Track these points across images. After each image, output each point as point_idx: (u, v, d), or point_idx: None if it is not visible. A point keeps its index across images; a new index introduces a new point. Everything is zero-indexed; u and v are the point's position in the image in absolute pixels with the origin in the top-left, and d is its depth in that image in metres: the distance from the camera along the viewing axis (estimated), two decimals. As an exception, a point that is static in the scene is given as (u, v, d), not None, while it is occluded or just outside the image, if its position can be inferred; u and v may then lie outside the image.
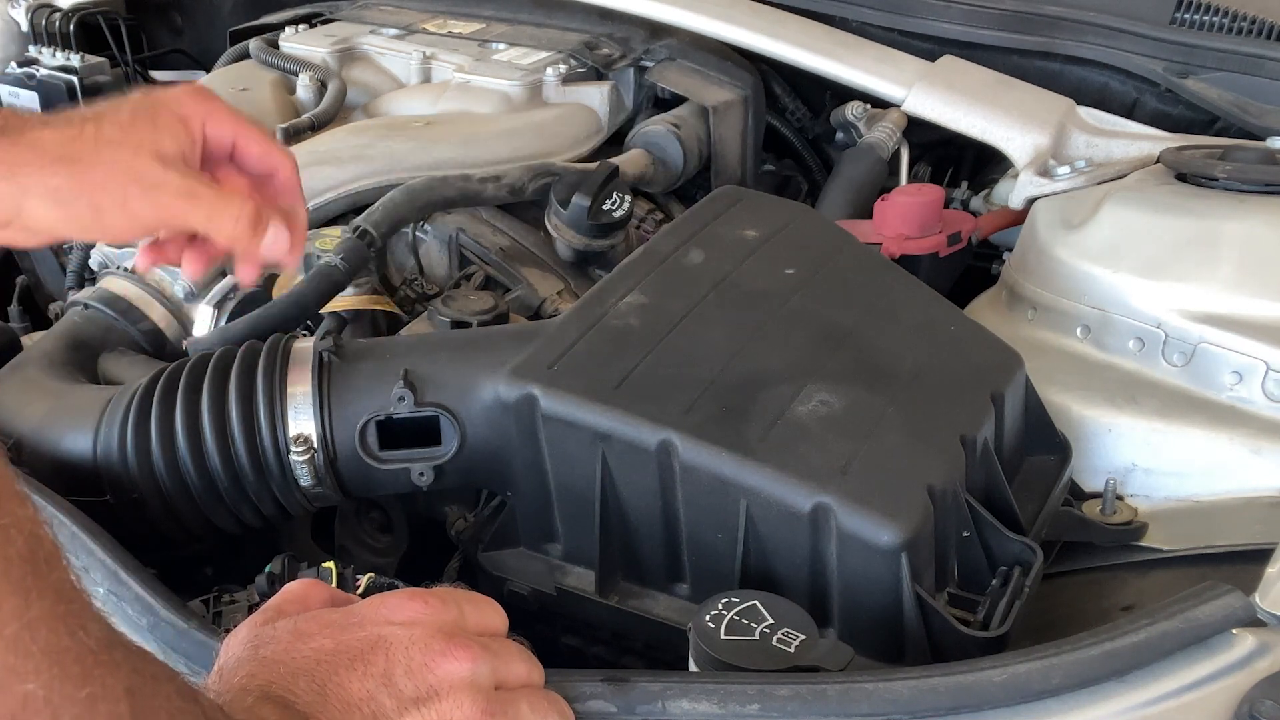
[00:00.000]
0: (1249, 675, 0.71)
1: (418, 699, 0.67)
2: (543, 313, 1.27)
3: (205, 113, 0.90)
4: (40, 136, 0.84)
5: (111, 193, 0.84)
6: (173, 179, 0.85)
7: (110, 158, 0.84)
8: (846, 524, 0.82)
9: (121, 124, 0.86)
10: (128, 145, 0.85)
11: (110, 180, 0.84)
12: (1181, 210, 1.17)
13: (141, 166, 0.85)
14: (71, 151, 0.84)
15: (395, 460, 0.94)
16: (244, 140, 0.92)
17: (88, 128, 0.85)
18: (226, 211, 0.86)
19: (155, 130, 0.86)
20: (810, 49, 1.54)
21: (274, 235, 0.88)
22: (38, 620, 0.53)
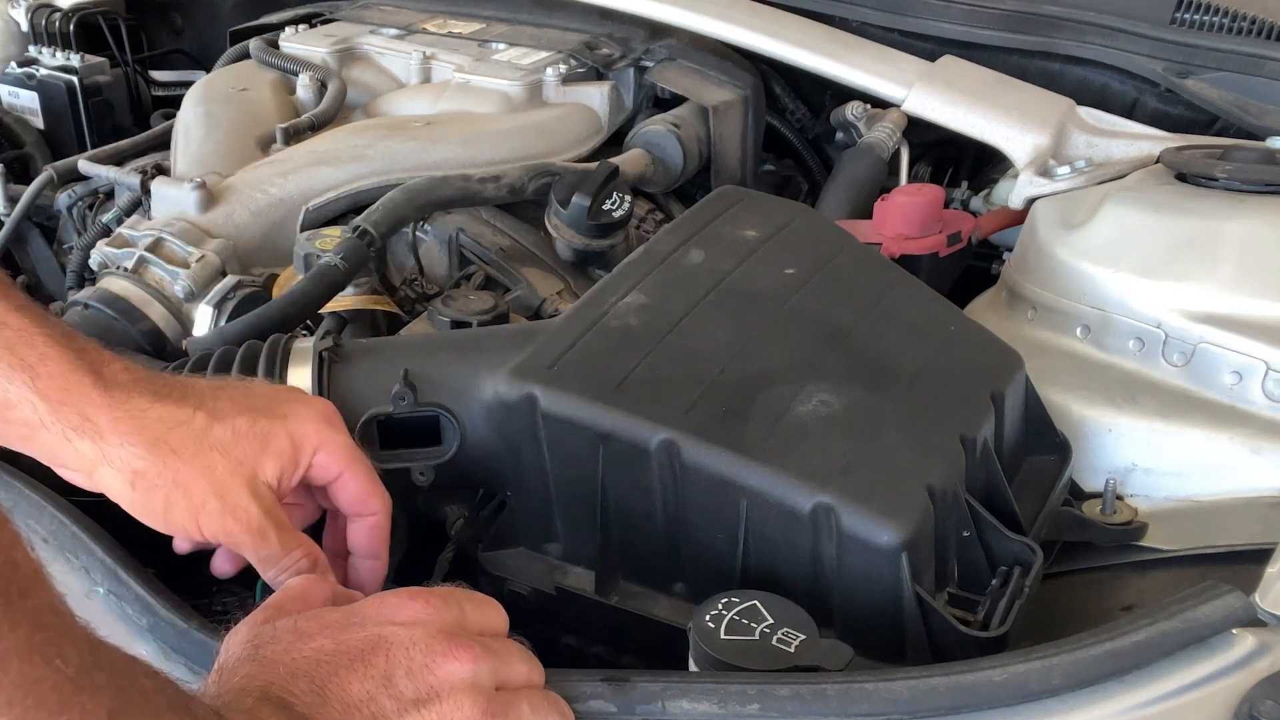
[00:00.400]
0: (1249, 675, 0.71)
1: (418, 700, 0.67)
2: (543, 313, 1.27)
3: (321, 443, 0.85)
4: (144, 411, 0.79)
5: (190, 497, 0.80)
6: (253, 512, 0.81)
7: (205, 464, 0.80)
8: (847, 524, 0.82)
9: (233, 431, 0.81)
10: (229, 458, 0.81)
11: (195, 486, 0.80)
12: (1181, 210, 1.17)
13: (231, 486, 0.81)
14: (171, 440, 0.79)
15: (395, 460, 0.94)
16: (348, 478, 0.86)
17: (198, 418, 0.81)
18: (280, 562, 0.82)
19: (263, 451, 0.82)
20: (810, 49, 1.55)
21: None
22: (9, 652, 0.52)
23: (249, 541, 0.81)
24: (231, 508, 0.80)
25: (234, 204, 1.36)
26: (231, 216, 1.35)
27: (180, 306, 1.27)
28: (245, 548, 0.82)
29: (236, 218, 1.35)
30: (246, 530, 0.81)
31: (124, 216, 1.44)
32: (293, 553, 0.82)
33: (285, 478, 0.83)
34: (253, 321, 1.13)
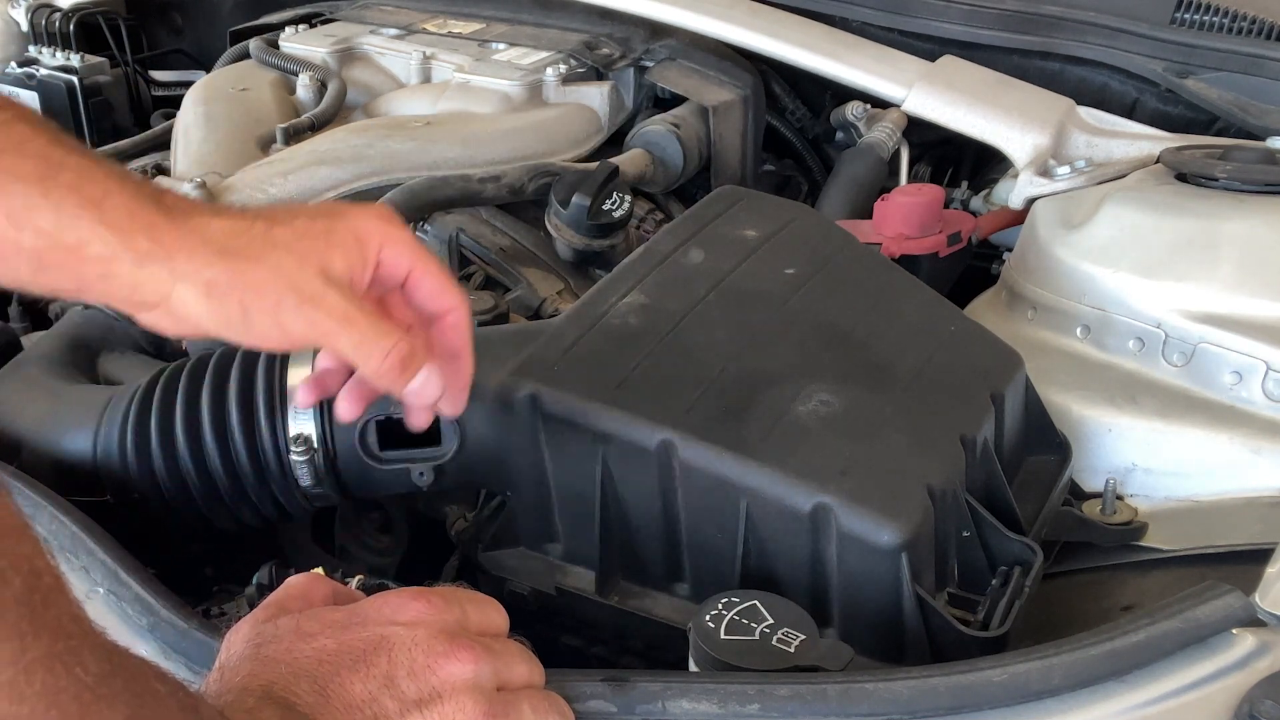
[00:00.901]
0: (1249, 675, 0.71)
1: (420, 701, 0.67)
2: (543, 313, 1.27)
3: (384, 237, 0.83)
4: (206, 224, 0.79)
5: (266, 297, 0.78)
6: (332, 297, 0.79)
7: (274, 261, 0.79)
8: (846, 524, 0.82)
9: (294, 230, 0.81)
10: (295, 252, 0.80)
11: (268, 284, 0.79)
12: (1181, 210, 1.17)
13: (303, 277, 0.79)
14: (235, 246, 0.79)
15: (395, 460, 0.94)
16: (420, 273, 0.85)
17: (258, 225, 0.80)
18: (377, 344, 0.80)
19: (328, 244, 0.81)
20: (810, 49, 1.55)
21: (423, 381, 0.81)
22: (34, 663, 0.53)
23: (333, 327, 0.79)
24: (310, 298, 0.79)
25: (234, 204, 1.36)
26: (232, 216, 1.35)
27: (180, 306, 1.27)
28: (335, 337, 0.79)
29: (236, 218, 1.35)
30: (331, 316, 0.79)
31: (124, 216, 1.44)
32: (388, 334, 0.80)
33: (356, 274, 0.81)
34: (253, 322, 1.13)
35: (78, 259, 0.76)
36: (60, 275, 0.77)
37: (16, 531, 0.54)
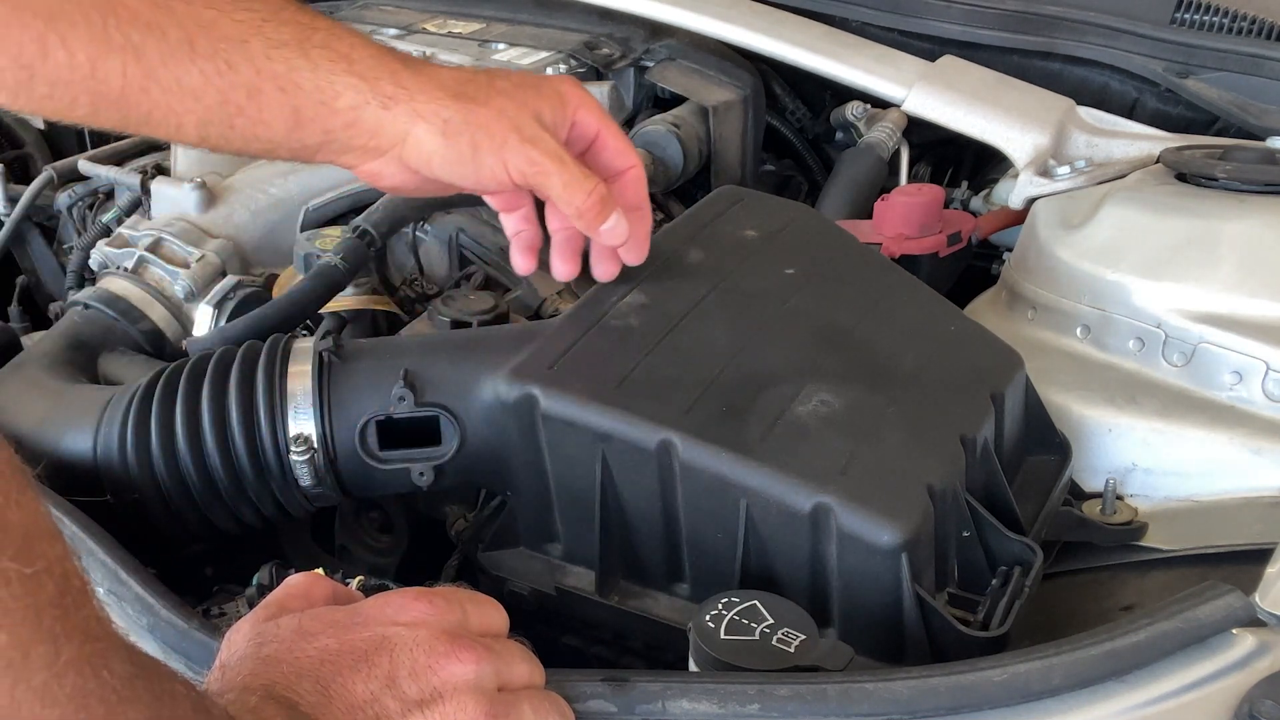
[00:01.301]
0: (1249, 675, 0.71)
1: (421, 701, 0.67)
2: (543, 313, 1.27)
3: (580, 100, 0.95)
4: (439, 72, 0.91)
5: (493, 135, 0.89)
6: (548, 139, 0.91)
7: (499, 105, 0.90)
8: (846, 524, 0.82)
9: (512, 81, 0.93)
10: (515, 99, 0.91)
11: (495, 123, 0.89)
12: (1181, 210, 1.17)
13: (524, 119, 0.90)
14: (466, 90, 0.89)
15: (395, 460, 0.94)
16: (606, 134, 0.96)
17: (481, 75, 0.92)
18: (583, 185, 0.91)
19: (539, 96, 0.92)
20: (810, 49, 1.54)
21: (615, 222, 0.93)
22: (66, 665, 0.53)
23: (549, 166, 0.90)
24: (530, 138, 0.90)
25: (234, 204, 1.36)
26: (231, 216, 1.35)
27: (180, 306, 1.27)
28: (550, 175, 0.90)
29: (236, 218, 1.35)
30: (548, 154, 0.90)
31: (124, 216, 1.44)
32: (591, 177, 0.92)
33: (558, 126, 0.93)
34: (253, 321, 1.13)
35: (329, 111, 0.87)
36: (311, 130, 0.88)
37: (49, 535, 0.54)
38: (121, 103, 0.86)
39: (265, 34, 0.86)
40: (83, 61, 0.84)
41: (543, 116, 0.92)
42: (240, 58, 0.86)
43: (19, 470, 0.53)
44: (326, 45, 0.87)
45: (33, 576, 0.52)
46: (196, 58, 0.85)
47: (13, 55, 0.83)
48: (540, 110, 0.92)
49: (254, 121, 0.88)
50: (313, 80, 0.87)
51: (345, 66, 0.87)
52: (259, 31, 0.87)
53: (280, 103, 0.87)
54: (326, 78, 0.87)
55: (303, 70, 0.86)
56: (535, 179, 0.91)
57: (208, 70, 0.86)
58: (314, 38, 0.87)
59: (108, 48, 0.84)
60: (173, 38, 0.85)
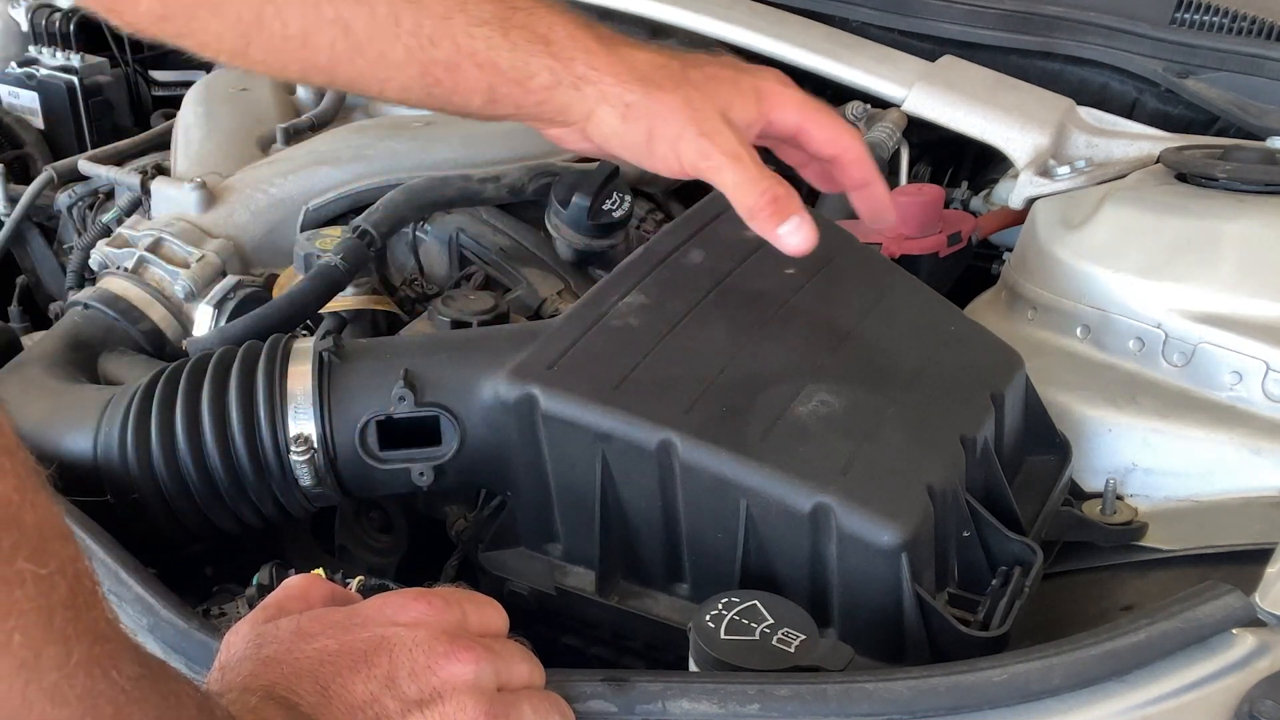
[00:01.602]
0: (1249, 675, 0.71)
1: (421, 701, 0.67)
2: (543, 313, 1.27)
3: (778, 98, 0.95)
4: (633, 54, 0.92)
5: (671, 125, 0.90)
6: (726, 135, 0.90)
7: (685, 95, 0.90)
8: (846, 524, 0.82)
9: (704, 73, 0.93)
10: (703, 91, 0.91)
11: (675, 113, 0.89)
12: (1181, 210, 1.17)
13: (706, 113, 0.90)
14: (655, 77, 0.90)
15: (395, 460, 0.94)
16: (809, 127, 0.96)
17: (674, 62, 0.93)
18: (755, 184, 0.90)
19: (733, 93, 0.92)
20: (810, 49, 1.54)
21: (794, 227, 0.91)
22: (77, 666, 0.53)
23: (723, 162, 0.90)
24: (708, 132, 0.90)
25: (234, 204, 1.36)
26: (231, 216, 1.35)
27: (180, 306, 1.27)
28: (722, 171, 0.90)
29: (236, 218, 1.35)
30: (722, 151, 0.90)
31: (124, 216, 1.44)
32: (766, 177, 0.90)
33: (749, 123, 0.93)
34: (253, 321, 1.13)
35: (523, 90, 0.91)
36: (503, 105, 0.92)
37: (62, 536, 0.54)
38: (329, 69, 0.93)
39: (468, 10, 0.90)
40: (295, 34, 0.91)
41: (730, 111, 0.91)
42: (442, 34, 0.90)
43: (34, 471, 0.54)
44: (526, 25, 0.90)
45: (46, 578, 0.52)
46: (401, 34, 0.90)
47: (232, 23, 0.91)
48: (730, 104, 0.91)
49: (450, 92, 0.92)
50: (510, 60, 0.89)
51: (543, 48, 0.90)
52: (462, 8, 0.90)
53: (477, 78, 0.90)
54: (524, 59, 0.89)
55: (501, 50, 0.89)
56: (708, 173, 0.91)
57: (410, 45, 0.90)
58: (514, 17, 0.90)
59: (319, 21, 0.91)
60: (380, 13, 0.90)
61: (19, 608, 0.51)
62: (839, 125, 0.97)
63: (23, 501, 0.52)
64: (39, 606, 0.52)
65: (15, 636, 0.51)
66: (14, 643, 0.51)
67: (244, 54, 0.94)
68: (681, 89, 0.91)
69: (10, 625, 0.51)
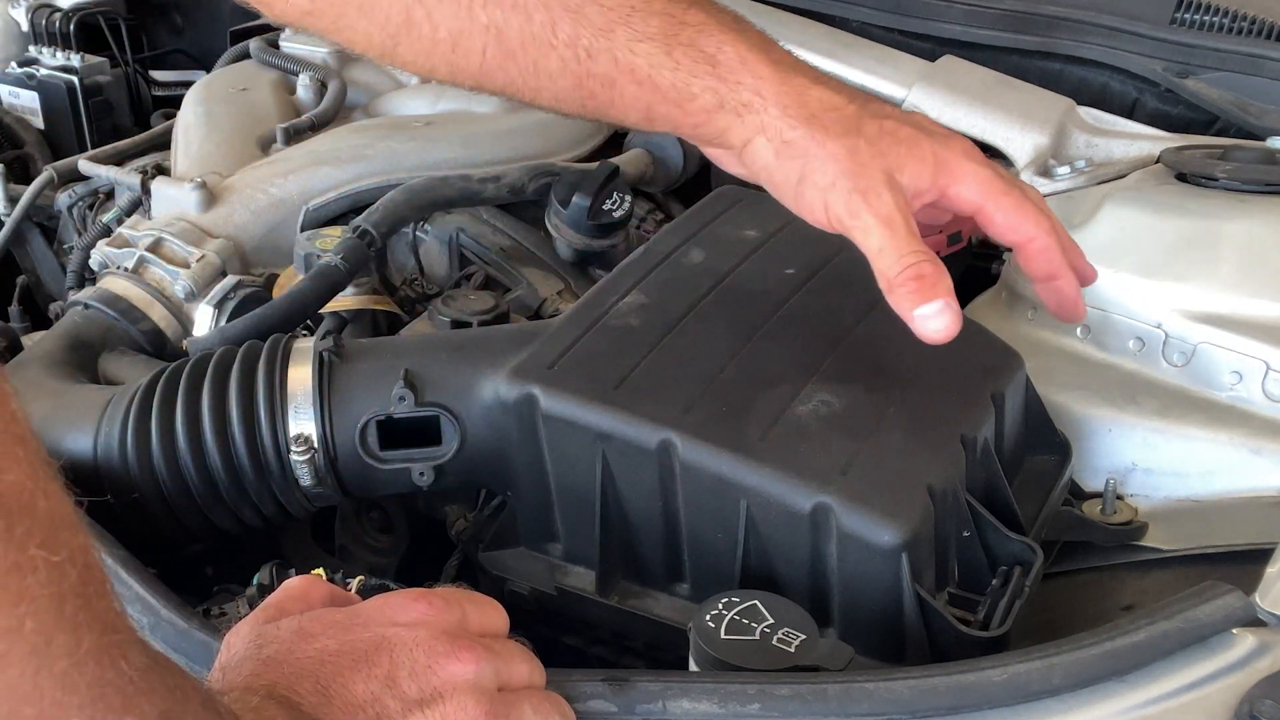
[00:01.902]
0: (1249, 675, 0.71)
1: (421, 701, 0.67)
2: (543, 313, 1.27)
3: (960, 173, 0.87)
4: (806, 88, 0.85)
5: (825, 173, 0.84)
6: (884, 198, 0.83)
7: (850, 144, 0.84)
8: (847, 524, 0.82)
9: (884, 126, 0.85)
10: (873, 147, 0.84)
11: (832, 163, 0.83)
12: (1181, 210, 1.17)
13: (868, 170, 0.83)
14: (823, 117, 0.84)
15: (396, 460, 0.94)
16: (990, 210, 0.88)
17: (851, 107, 0.86)
18: (903, 256, 0.83)
19: (907, 153, 0.85)
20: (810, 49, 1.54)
21: (934, 311, 0.83)
22: (86, 655, 0.53)
23: (873, 225, 0.83)
24: (862, 191, 0.83)
25: (234, 204, 1.36)
26: (232, 216, 1.35)
27: (181, 306, 1.27)
28: (868, 233, 0.83)
29: (237, 218, 1.35)
30: (873, 213, 0.83)
31: (124, 216, 1.44)
32: (916, 251, 0.82)
33: (916, 190, 0.85)
34: (253, 321, 1.13)
35: (681, 112, 0.86)
36: (661, 124, 0.87)
37: (72, 525, 0.54)
38: (479, 75, 0.89)
39: (632, 24, 0.84)
40: (444, 37, 0.87)
41: (900, 174, 0.84)
42: (601, 48, 0.85)
43: (46, 461, 0.54)
44: (693, 43, 0.85)
45: (58, 565, 0.52)
46: (557, 44, 0.85)
47: (380, 23, 0.88)
48: (901, 167, 0.84)
49: (606, 106, 0.88)
50: (671, 80, 0.85)
51: (708, 69, 0.85)
52: (626, 21, 0.84)
53: (635, 96, 0.86)
54: (686, 79, 0.85)
55: (663, 69, 0.85)
56: (853, 232, 0.85)
57: (566, 57, 0.85)
58: (682, 34, 0.85)
59: (471, 25, 0.86)
60: (537, 20, 0.85)
61: (31, 594, 0.51)
62: (1024, 210, 0.89)
63: (36, 489, 0.52)
64: (50, 593, 0.52)
65: (27, 622, 0.51)
66: (26, 628, 0.51)
67: (392, 54, 0.91)
68: (849, 137, 0.84)
69: (22, 611, 0.51)
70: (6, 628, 0.50)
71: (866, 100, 0.88)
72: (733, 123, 0.86)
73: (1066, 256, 0.91)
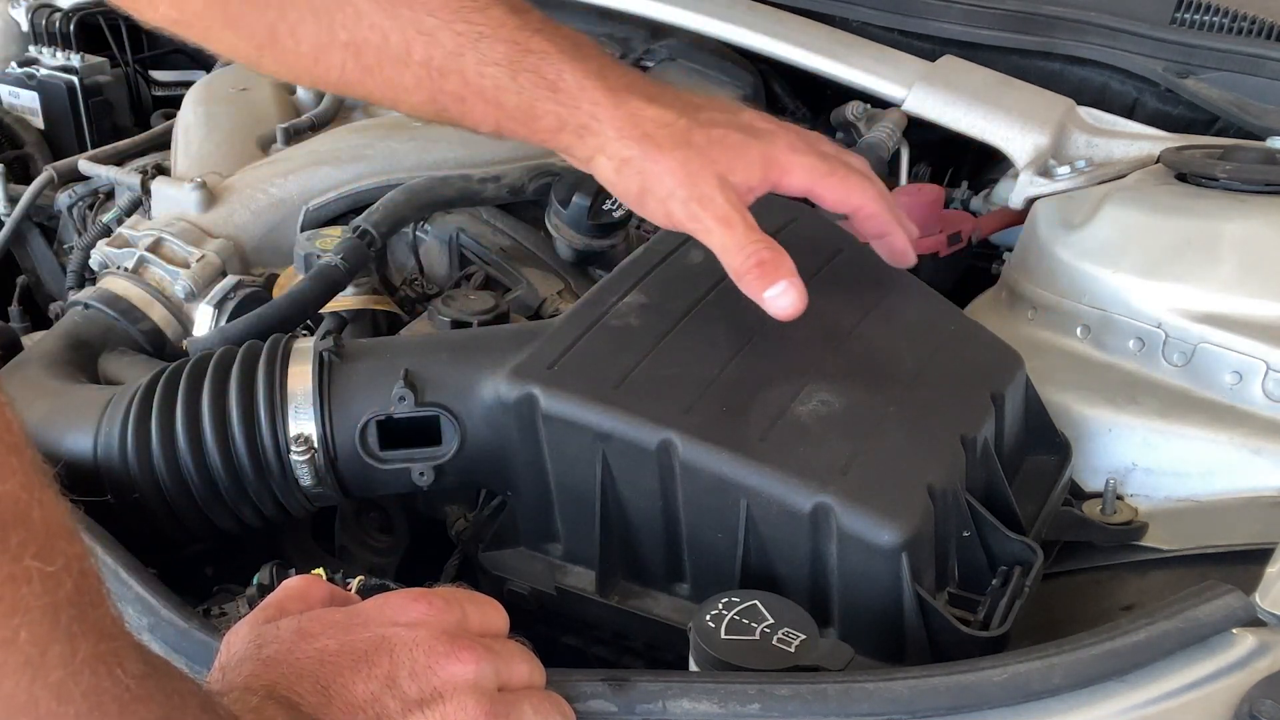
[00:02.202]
0: (1249, 675, 0.71)
1: (422, 701, 0.67)
2: (543, 313, 1.27)
3: (786, 164, 0.95)
4: (640, 109, 0.92)
5: (663, 185, 0.91)
6: (718, 203, 0.91)
7: (682, 156, 0.91)
8: (847, 524, 0.82)
9: (712, 135, 0.93)
10: (704, 156, 0.92)
11: (668, 176, 0.91)
12: (1181, 210, 1.17)
13: (701, 178, 0.91)
14: (656, 135, 0.92)
15: (396, 460, 0.94)
16: (819, 189, 0.97)
17: (681, 121, 0.93)
18: (743, 248, 0.91)
19: (735, 157, 0.93)
20: (810, 49, 1.54)
21: (780, 291, 0.91)
22: (82, 664, 0.54)
23: (713, 227, 0.91)
24: (699, 197, 0.91)
25: (234, 204, 1.36)
26: (232, 216, 1.35)
27: (181, 306, 1.27)
28: (710, 234, 0.92)
29: (237, 218, 1.35)
30: (711, 215, 0.91)
31: (124, 216, 1.44)
32: (755, 241, 0.91)
33: (749, 188, 0.94)
34: (253, 321, 1.13)
35: (530, 130, 0.93)
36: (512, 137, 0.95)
37: (68, 534, 0.54)
38: (340, 85, 0.97)
39: (480, 50, 0.91)
40: (307, 51, 0.94)
41: (731, 176, 0.92)
42: (452, 69, 0.92)
43: (41, 469, 0.54)
44: (535, 70, 0.92)
45: (53, 575, 0.52)
46: (411, 63, 0.92)
47: (246, 37, 0.95)
48: (731, 170, 0.92)
49: (460, 118, 0.95)
50: (516, 101, 0.92)
51: (549, 94, 0.92)
52: (474, 47, 0.91)
53: (484, 112, 0.93)
54: (530, 101, 0.92)
55: (508, 91, 0.92)
56: (697, 234, 0.93)
57: (420, 75, 0.92)
58: (525, 60, 0.92)
59: (331, 42, 0.93)
60: (393, 42, 0.92)
61: (25, 605, 0.51)
62: (848, 184, 0.98)
63: (30, 499, 0.52)
64: (45, 604, 0.52)
65: (21, 633, 0.51)
66: (20, 639, 0.51)
67: (258, 63, 0.98)
68: (680, 150, 0.91)
69: (16, 622, 0.51)
70: (1, 639, 0.50)
71: (697, 110, 0.95)
72: (575, 142, 0.93)
73: (893, 214, 1.01)
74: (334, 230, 1.26)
